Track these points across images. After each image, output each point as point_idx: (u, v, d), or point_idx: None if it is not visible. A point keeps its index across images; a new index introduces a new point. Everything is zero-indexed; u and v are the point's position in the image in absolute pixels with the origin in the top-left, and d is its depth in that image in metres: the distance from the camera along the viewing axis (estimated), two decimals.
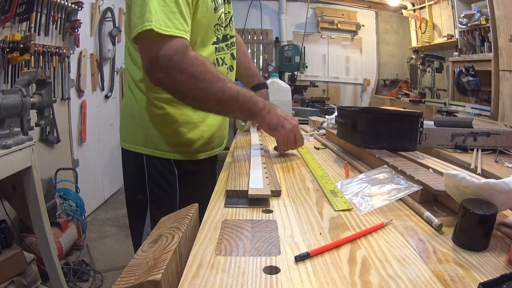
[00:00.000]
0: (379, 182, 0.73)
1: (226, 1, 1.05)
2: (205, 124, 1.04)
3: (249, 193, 0.65)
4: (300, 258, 0.45)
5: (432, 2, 3.99)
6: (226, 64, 1.06)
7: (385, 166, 0.79)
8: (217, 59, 1.03)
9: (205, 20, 0.94)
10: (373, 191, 0.69)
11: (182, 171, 1.03)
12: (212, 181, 0.90)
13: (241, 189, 0.68)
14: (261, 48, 4.88)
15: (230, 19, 1.09)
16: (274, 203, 0.66)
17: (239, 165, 0.87)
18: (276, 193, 0.69)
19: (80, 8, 2.59)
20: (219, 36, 1.02)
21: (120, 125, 1.09)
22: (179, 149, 1.01)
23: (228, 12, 1.07)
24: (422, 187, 0.64)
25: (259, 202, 0.65)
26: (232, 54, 1.10)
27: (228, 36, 1.07)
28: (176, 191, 1.02)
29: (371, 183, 0.73)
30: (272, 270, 0.43)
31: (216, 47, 1.02)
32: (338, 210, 0.62)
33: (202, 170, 1.10)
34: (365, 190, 0.70)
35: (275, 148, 1.03)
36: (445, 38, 3.69)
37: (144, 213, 1.03)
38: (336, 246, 0.49)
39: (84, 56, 2.84)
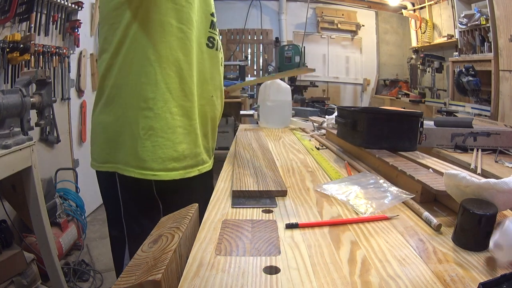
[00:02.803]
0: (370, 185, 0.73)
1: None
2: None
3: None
4: (289, 226, 0.54)
5: (432, 2, 3.98)
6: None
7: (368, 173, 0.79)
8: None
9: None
10: (368, 194, 0.69)
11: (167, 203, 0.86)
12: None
13: (247, 189, 0.68)
14: (261, 48, 4.89)
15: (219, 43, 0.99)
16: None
17: (242, 165, 0.87)
18: (282, 193, 0.69)
19: (80, 8, 2.58)
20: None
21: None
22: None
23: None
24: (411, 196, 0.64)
25: (266, 202, 0.66)
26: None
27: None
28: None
29: (362, 186, 0.73)
30: (272, 270, 0.43)
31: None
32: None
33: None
34: (358, 191, 0.70)
35: None
36: (445, 38, 3.69)
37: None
38: (330, 224, 0.54)
39: (84, 56, 2.84)
